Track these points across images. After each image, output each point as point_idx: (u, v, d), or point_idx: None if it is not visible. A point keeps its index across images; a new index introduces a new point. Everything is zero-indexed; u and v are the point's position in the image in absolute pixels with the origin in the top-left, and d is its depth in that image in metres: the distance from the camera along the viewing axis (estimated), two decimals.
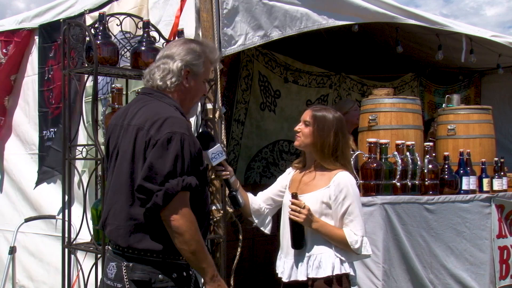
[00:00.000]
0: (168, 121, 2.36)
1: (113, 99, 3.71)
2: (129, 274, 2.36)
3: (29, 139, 5.02)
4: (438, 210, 4.28)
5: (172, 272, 2.38)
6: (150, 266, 2.36)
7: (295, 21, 4.26)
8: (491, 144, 5.05)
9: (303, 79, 6.38)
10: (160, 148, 2.33)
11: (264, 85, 6.03)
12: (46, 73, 4.79)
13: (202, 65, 2.54)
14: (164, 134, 2.32)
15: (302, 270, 2.88)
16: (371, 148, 4.01)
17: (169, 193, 2.29)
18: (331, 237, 2.88)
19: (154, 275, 2.35)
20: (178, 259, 2.39)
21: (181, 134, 2.33)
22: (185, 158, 2.32)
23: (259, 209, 3.12)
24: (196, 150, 2.40)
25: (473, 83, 7.80)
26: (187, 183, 2.30)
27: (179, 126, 2.36)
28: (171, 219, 2.30)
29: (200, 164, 2.43)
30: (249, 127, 5.94)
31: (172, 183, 2.29)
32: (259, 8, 4.07)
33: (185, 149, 2.33)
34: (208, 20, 3.88)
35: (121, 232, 2.40)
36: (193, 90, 2.55)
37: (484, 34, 5.76)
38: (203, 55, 2.54)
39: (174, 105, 2.48)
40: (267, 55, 6.00)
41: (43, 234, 4.76)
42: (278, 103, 6.17)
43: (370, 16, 4.74)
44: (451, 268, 4.33)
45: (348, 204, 2.88)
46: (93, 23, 3.73)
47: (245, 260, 4.28)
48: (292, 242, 2.90)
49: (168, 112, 2.41)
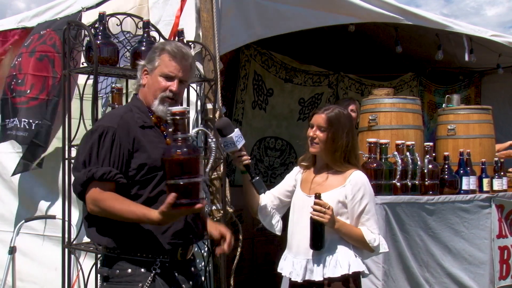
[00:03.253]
0: (104, 117, 2.51)
1: (113, 99, 3.71)
2: (99, 269, 2.56)
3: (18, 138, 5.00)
4: (438, 210, 4.28)
5: (127, 268, 2.43)
6: (110, 262, 2.47)
7: (286, 21, 4.28)
8: (491, 144, 5.05)
9: (298, 77, 6.38)
10: (84, 139, 2.49)
11: (258, 84, 6.03)
12: (13, 60, 4.69)
13: (157, 58, 2.54)
14: (93, 128, 2.47)
15: (318, 270, 2.84)
16: (371, 148, 4.00)
17: (78, 181, 2.39)
18: (351, 236, 2.87)
19: (112, 271, 2.45)
20: (135, 255, 2.43)
21: (105, 127, 2.41)
22: (103, 149, 2.38)
23: (265, 208, 3.07)
24: (127, 146, 2.41)
25: (473, 83, 7.81)
26: (91, 173, 2.35)
27: (108, 120, 2.46)
28: (87, 205, 2.40)
29: (131, 162, 2.43)
30: (245, 126, 5.96)
31: (81, 172, 2.38)
32: (251, 8, 4.09)
33: (106, 140, 2.38)
34: (208, 20, 3.88)
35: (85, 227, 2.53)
36: (149, 86, 2.56)
37: (484, 33, 5.77)
38: (159, 49, 2.56)
39: (134, 105, 2.56)
40: (265, 55, 6.00)
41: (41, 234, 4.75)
42: (270, 101, 6.19)
43: (367, 16, 4.74)
44: (448, 267, 4.33)
45: (365, 203, 2.88)
46: (93, 23, 3.72)
47: (245, 260, 4.28)
48: (313, 242, 2.84)
49: (114, 110, 2.55)
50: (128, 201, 2.36)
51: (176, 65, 2.53)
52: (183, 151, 2.22)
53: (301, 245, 2.92)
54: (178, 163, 2.21)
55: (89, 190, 2.37)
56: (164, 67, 2.54)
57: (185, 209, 2.24)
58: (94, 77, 3.46)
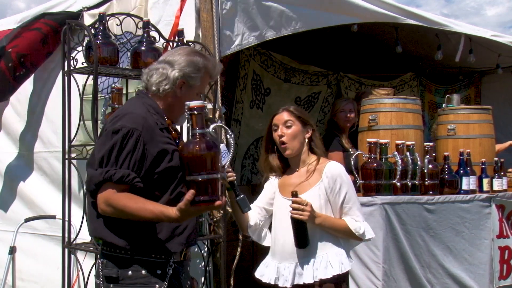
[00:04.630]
0: (126, 116, 2.38)
1: (113, 99, 3.71)
2: (103, 270, 2.42)
3: (20, 138, 5.02)
4: (438, 210, 4.28)
5: (141, 270, 2.37)
6: (119, 262, 2.38)
7: (290, 22, 4.28)
8: (491, 144, 5.05)
9: (296, 77, 6.37)
10: (104, 137, 2.38)
11: (256, 84, 6.03)
12: None
13: (199, 79, 2.52)
14: (116, 127, 2.35)
15: (308, 273, 2.82)
16: (371, 148, 4.00)
17: (93, 180, 2.32)
18: (335, 229, 2.86)
19: (123, 272, 2.37)
20: (150, 256, 2.38)
21: (130, 129, 2.33)
22: (124, 150, 2.31)
23: (255, 224, 3.03)
24: (151, 150, 2.35)
25: (473, 83, 7.81)
26: (109, 175, 2.28)
27: (132, 121, 2.36)
28: (98, 204, 2.33)
29: (155, 165, 2.37)
30: (244, 126, 5.96)
31: (98, 171, 2.32)
32: (255, 9, 4.09)
33: (129, 143, 2.31)
34: (208, 20, 3.88)
35: (88, 224, 2.48)
36: (184, 100, 2.46)
37: (484, 33, 5.77)
38: (203, 70, 2.53)
39: (150, 105, 2.47)
40: (264, 55, 6.01)
41: (42, 234, 4.76)
42: (267, 100, 6.18)
43: (369, 16, 4.74)
44: (450, 267, 4.33)
45: (344, 192, 2.87)
46: (93, 23, 3.73)
47: (245, 260, 4.28)
48: (297, 241, 2.82)
49: (133, 109, 2.42)
50: (143, 199, 2.31)
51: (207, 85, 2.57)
52: (201, 147, 2.18)
53: (285, 249, 2.89)
54: (197, 159, 2.18)
55: (103, 191, 2.31)
56: (203, 88, 2.58)
57: (204, 206, 2.20)
58: (94, 77, 3.47)
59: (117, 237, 2.36)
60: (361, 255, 3.88)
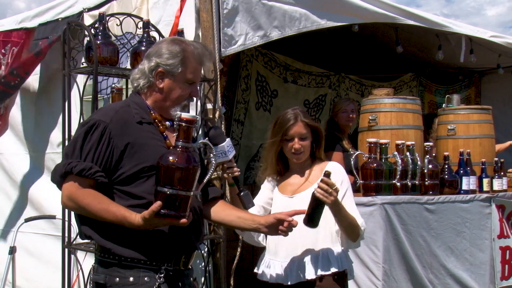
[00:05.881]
0: (99, 111, 2.37)
1: (113, 99, 3.71)
2: (93, 276, 2.35)
3: (27, 139, 5.02)
4: (438, 210, 4.28)
5: (129, 276, 2.25)
6: (108, 268, 2.28)
7: (294, 21, 4.28)
8: (491, 144, 5.05)
9: (302, 79, 6.38)
10: (76, 131, 2.38)
11: (262, 85, 6.03)
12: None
13: (179, 64, 2.37)
14: (86, 120, 2.31)
15: (310, 269, 2.82)
16: (371, 148, 4.00)
17: (57, 171, 2.27)
18: (347, 219, 2.82)
19: (111, 278, 2.26)
20: (138, 262, 2.25)
21: (96, 121, 2.26)
22: (89, 143, 2.24)
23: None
24: (119, 143, 2.26)
25: (473, 83, 7.82)
26: (70, 167, 2.21)
27: (102, 114, 2.30)
28: (61, 197, 2.28)
29: (121, 159, 2.27)
30: (248, 127, 5.95)
31: (62, 163, 2.27)
32: (258, 8, 4.08)
33: (94, 135, 2.24)
34: (208, 20, 3.88)
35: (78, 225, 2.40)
36: (168, 90, 2.39)
37: (484, 34, 5.76)
38: (181, 54, 2.37)
39: (134, 101, 2.40)
40: (267, 55, 6.00)
41: (43, 233, 4.76)
42: (275, 102, 6.17)
43: (369, 16, 4.75)
44: (451, 268, 4.33)
45: (346, 188, 2.89)
46: (93, 23, 3.73)
47: (245, 260, 4.27)
48: (308, 219, 2.69)
49: (111, 105, 2.41)
50: (107, 200, 2.22)
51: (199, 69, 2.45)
52: (182, 161, 2.10)
53: (290, 247, 2.88)
54: (172, 172, 2.09)
55: (66, 184, 2.24)
56: (190, 74, 2.41)
57: (169, 220, 2.13)
58: (94, 77, 3.47)
59: (104, 240, 2.27)
60: (361, 255, 3.88)
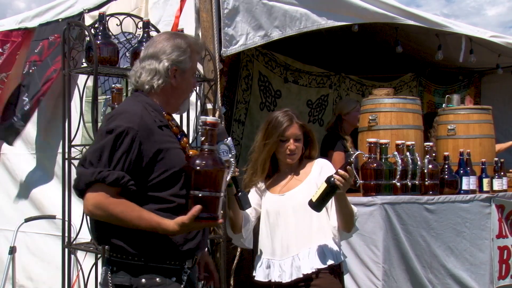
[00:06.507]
0: (122, 115, 2.27)
1: (113, 99, 3.71)
2: (113, 278, 2.29)
3: (30, 139, 5.02)
4: (438, 210, 4.28)
5: (156, 277, 2.27)
6: (132, 270, 2.27)
7: (294, 21, 4.28)
8: (491, 144, 5.05)
9: (303, 79, 6.38)
10: (99, 136, 2.29)
11: (265, 85, 6.03)
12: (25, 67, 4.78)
13: (188, 59, 2.41)
14: (110, 126, 2.24)
15: (305, 264, 2.84)
16: (371, 148, 4.00)
17: (83, 179, 2.20)
18: (347, 206, 2.87)
19: (136, 280, 2.26)
20: (164, 262, 2.28)
21: (125, 128, 2.21)
22: (118, 151, 2.19)
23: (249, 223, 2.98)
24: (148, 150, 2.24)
25: (473, 83, 7.82)
26: (102, 176, 2.16)
27: (128, 120, 2.24)
28: (85, 205, 2.23)
29: (152, 167, 2.26)
30: (249, 127, 5.94)
31: (89, 171, 2.19)
32: (259, 8, 4.08)
33: (124, 143, 2.20)
34: (207, 20, 3.89)
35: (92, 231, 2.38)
36: (182, 87, 2.43)
37: (483, 34, 5.77)
38: (188, 49, 2.41)
39: (147, 102, 2.36)
40: (267, 55, 6.00)
41: (44, 233, 4.76)
42: (279, 103, 6.18)
43: (369, 16, 4.75)
44: (451, 268, 4.33)
45: None
46: (93, 23, 3.73)
47: (245, 260, 4.27)
48: (316, 203, 2.74)
49: (129, 108, 2.32)
50: (138, 207, 2.21)
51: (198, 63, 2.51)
52: (210, 164, 2.19)
53: (286, 245, 2.90)
54: (205, 175, 2.18)
55: (94, 192, 2.18)
56: (195, 67, 2.49)
57: (206, 222, 2.21)
58: (94, 77, 3.47)
59: (128, 243, 2.25)
60: (361, 255, 3.88)
